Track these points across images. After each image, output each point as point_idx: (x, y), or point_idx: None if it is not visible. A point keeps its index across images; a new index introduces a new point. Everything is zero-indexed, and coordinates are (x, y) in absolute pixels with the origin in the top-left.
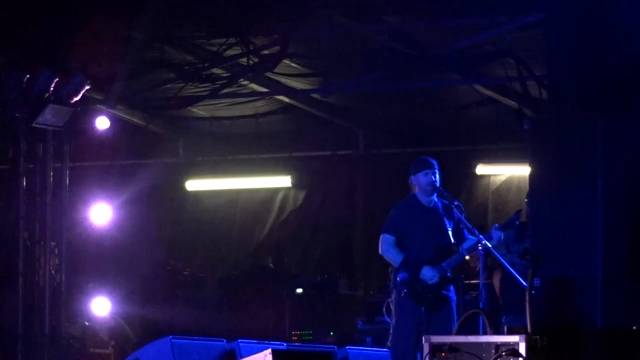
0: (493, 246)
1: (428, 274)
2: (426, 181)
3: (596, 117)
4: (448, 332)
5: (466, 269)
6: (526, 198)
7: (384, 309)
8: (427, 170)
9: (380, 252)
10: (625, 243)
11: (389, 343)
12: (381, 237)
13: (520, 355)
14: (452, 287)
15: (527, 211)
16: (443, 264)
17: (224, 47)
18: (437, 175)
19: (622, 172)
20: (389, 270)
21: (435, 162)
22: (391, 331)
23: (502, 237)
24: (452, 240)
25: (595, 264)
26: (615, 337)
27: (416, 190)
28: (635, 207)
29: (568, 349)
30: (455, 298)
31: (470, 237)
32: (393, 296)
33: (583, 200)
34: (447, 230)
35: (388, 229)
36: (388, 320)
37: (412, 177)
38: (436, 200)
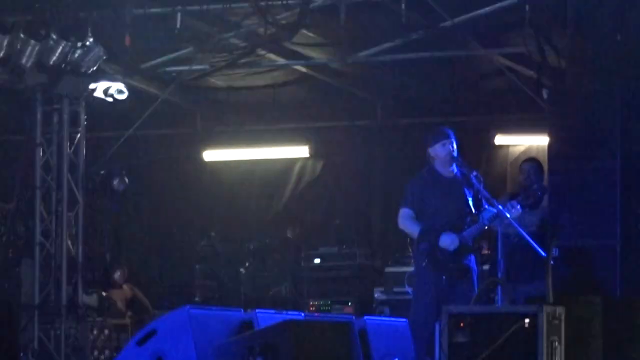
0: (512, 218)
1: (447, 240)
2: (444, 152)
3: (614, 86)
4: (469, 303)
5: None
6: (519, 168)
7: (406, 280)
8: (444, 141)
9: (399, 226)
10: None
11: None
12: (400, 211)
13: (539, 326)
14: (472, 258)
15: (521, 181)
16: (464, 234)
17: (241, 16)
18: (455, 145)
19: None
20: (408, 241)
21: (451, 132)
22: (413, 301)
23: (520, 209)
24: (473, 210)
25: (613, 233)
26: (634, 306)
27: (434, 161)
28: None
29: (587, 319)
30: (476, 269)
31: (489, 207)
32: (414, 267)
33: (601, 170)
34: (468, 200)
35: (406, 203)
36: (409, 291)
37: (430, 149)
38: (455, 170)
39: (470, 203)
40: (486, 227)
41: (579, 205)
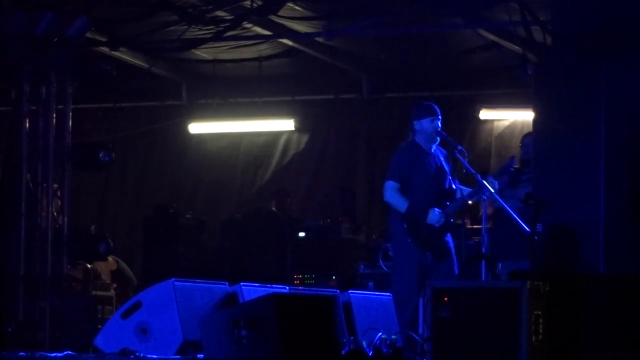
0: (490, 194)
1: (435, 217)
2: (432, 128)
3: (599, 62)
4: (451, 276)
5: (469, 214)
6: (520, 142)
7: (381, 255)
8: (433, 117)
9: (385, 199)
10: (627, 188)
11: (390, 288)
12: (385, 184)
13: (523, 301)
14: (449, 234)
15: (521, 155)
16: (447, 210)
17: None
18: (440, 122)
19: (625, 118)
20: (389, 216)
21: (439, 110)
22: (394, 277)
23: (497, 185)
24: (453, 186)
25: (597, 210)
26: (617, 283)
27: (417, 135)
28: (637, 153)
29: (570, 295)
30: (452, 244)
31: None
32: (393, 243)
33: (586, 146)
34: (448, 176)
35: (392, 176)
36: (383, 266)
37: (416, 122)
38: (435, 146)
39: (450, 179)
40: (469, 203)
41: (564, 181)
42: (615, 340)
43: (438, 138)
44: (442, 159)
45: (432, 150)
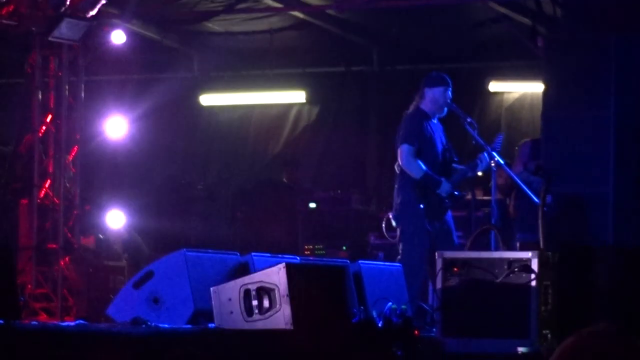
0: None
1: (446, 188)
2: (443, 98)
3: (609, 34)
4: (453, 246)
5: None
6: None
7: (384, 225)
8: (445, 87)
9: (401, 163)
10: (637, 161)
11: (399, 257)
12: (401, 147)
13: (533, 271)
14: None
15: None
16: (453, 180)
17: None
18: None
19: (635, 91)
20: (396, 184)
21: (450, 80)
22: (404, 246)
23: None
24: (455, 158)
25: (607, 182)
26: (626, 254)
27: (426, 103)
28: None
29: (579, 266)
30: (451, 214)
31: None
32: (402, 211)
33: (595, 118)
34: (450, 147)
35: (409, 140)
36: (388, 236)
37: (428, 90)
38: (437, 118)
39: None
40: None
41: (573, 153)
42: (623, 311)
43: (445, 109)
44: (442, 130)
45: (436, 121)
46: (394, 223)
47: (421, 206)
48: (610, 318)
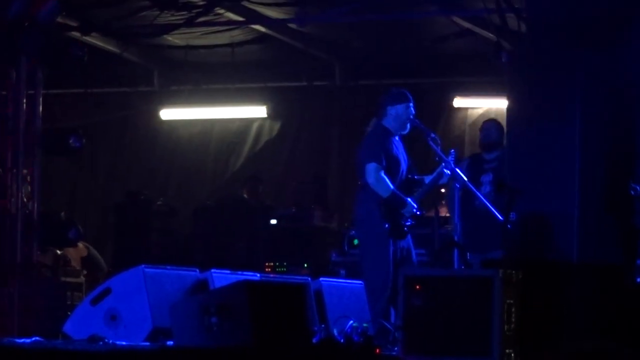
0: (462, 181)
1: (410, 208)
2: (406, 114)
3: (575, 50)
4: (412, 265)
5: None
6: (480, 127)
7: (346, 243)
8: (407, 103)
9: (369, 182)
10: (602, 178)
11: (362, 276)
12: (368, 166)
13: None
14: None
15: (481, 139)
16: (416, 197)
17: None
18: (413, 109)
19: (600, 107)
20: (357, 201)
21: (411, 96)
22: (366, 264)
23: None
24: (416, 176)
25: (572, 199)
26: (591, 272)
27: (388, 120)
28: (613, 143)
29: (543, 284)
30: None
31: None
32: (365, 229)
33: (560, 135)
34: (411, 163)
35: (374, 158)
36: (349, 253)
37: (390, 108)
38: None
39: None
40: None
41: (538, 169)
42: (587, 330)
43: (409, 125)
44: (403, 147)
45: (398, 138)
46: (355, 241)
47: (386, 225)
48: (574, 336)
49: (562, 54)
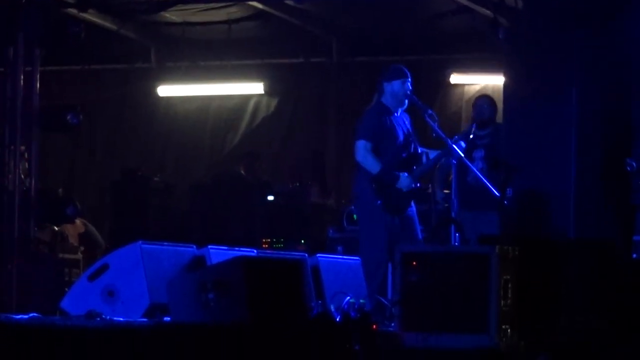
0: (459, 157)
1: (405, 182)
2: (402, 90)
3: (572, 27)
4: (417, 242)
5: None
6: (473, 103)
7: (345, 218)
8: (404, 79)
9: (357, 159)
10: (598, 155)
11: (359, 252)
12: (357, 143)
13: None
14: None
15: (474, 116)
16: (414, 174)
17: None
18: (410, 85)
19: (597, 83)
20: (354, 178)
21: (408, 72)
22: (362, 241)
23: (464, 145)
24: (419, 150)
25: (568, 176)
26: (587, 248)
27: (386, 97)
28: (609, 120)
29: (540, 260)
30: (415, 209)
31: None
32: (360, 205)
33: (557, 112)
34: (414, 139)
35: (364, 135)
36: (348, 230)
37: (386, 84)
38: (401, 110)
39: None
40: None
41: (534, 146)
42: (583, 306)
43: (406, 101)
44: (407, 122)
45: (399, 113)
46: (355, 217)
47: (379, 202)
48: (571, 312)
49: (559, 30)
